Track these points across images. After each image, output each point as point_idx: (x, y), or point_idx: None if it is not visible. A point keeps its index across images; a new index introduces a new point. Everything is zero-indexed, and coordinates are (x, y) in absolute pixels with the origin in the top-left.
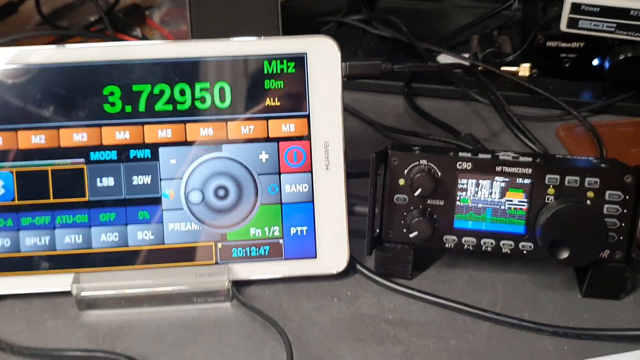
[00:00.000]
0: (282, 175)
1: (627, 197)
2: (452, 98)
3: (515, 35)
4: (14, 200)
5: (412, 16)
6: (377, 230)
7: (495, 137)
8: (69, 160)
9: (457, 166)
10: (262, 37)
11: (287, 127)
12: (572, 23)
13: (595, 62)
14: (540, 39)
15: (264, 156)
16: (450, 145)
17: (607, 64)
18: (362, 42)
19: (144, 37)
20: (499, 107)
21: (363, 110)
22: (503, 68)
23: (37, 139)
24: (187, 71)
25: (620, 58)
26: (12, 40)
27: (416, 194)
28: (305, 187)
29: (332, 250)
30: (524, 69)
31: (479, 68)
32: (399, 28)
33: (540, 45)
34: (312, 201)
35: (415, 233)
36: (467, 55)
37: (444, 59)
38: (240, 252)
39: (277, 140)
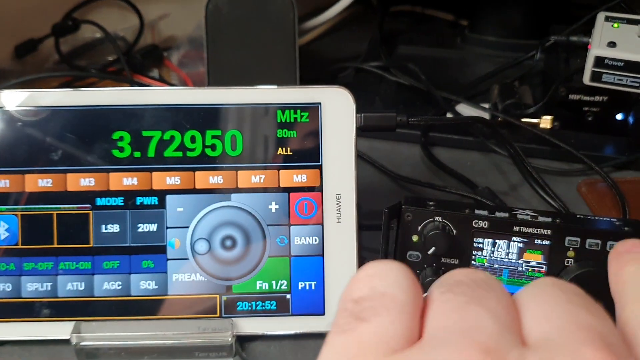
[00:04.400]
0: (291, 227)
1: None
2: (470, 149)
3: (536, 86)
4: (17, 244)
5: (431, 64)
6: None
7: (514, 190)
8: (74, 205)
9: (473, 224)
10: (277, 86)
11: (299, 177)
12: (595, 76)
13: (619, 116)
14: (563, 92)
15: (273, 206)
16: (467, 199)
17: (631, 119)
18: (380, 89)
19: (161, 79)
20: (518, 160)
21: (379, 158)
22: (524, 119)
23: (44, 182)
24: (199, 118)
25: None
26: (29, 81)
27: (430, 252)
28: (316, 240)
29: None
30: (545, 121)
31: (499, 119)
32: (418, 76)
33: (562, 98)
34: (322, 255)
35: None
36: (486, 105)
37: (463, 108)
38: (245, 306)
39: (288, 190)
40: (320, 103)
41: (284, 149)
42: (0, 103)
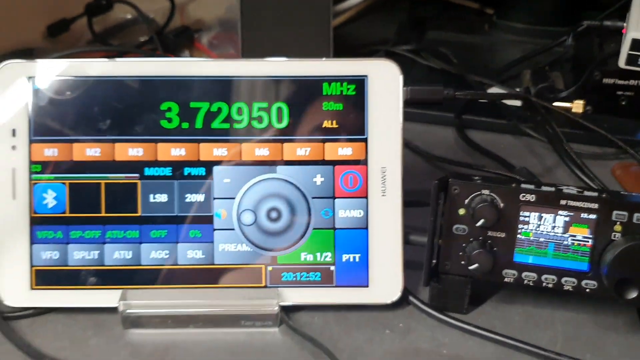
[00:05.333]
0: (336, 200)
1: None
2: (504, 132)
3: (566, 72)
4: (65, 212)
5: (460, 48)
6: (434, 261)
7: (549, 173)
8: (122, 175)
9: (520, 198)
10: (323, 58)
11: (344, 150)
12: (631, 60)
13: None
14: (597, 76)
15: (318, 179)
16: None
17: None
18: (411, 72)
19: None
20: (556, 142)
21: (412, 139)
22: (555, 104)
23: (92, 151)
24: (246, 90)
25: None
26: (64, 56)
27: (478, 224)
28: (360, 213)
29: (386, 279)
30: (578, 106)
31: (528, 96)
32: (449, 60)
33: (596, 82)
34: (367, 228)
35: (476, 265)
36: (518, 90)
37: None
38: (290, 277)
39: (333, 163)
40: (366, 76)
41: (329, 121)
42: (50, 72)
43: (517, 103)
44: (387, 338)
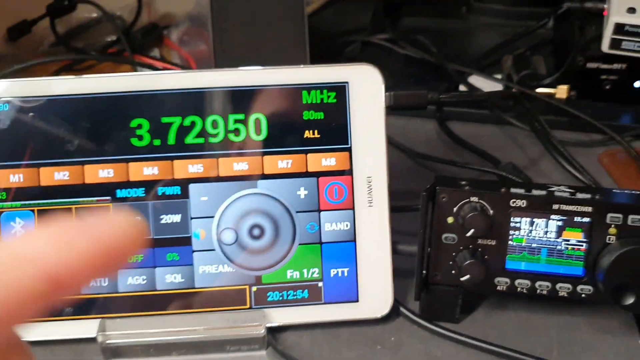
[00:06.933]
0: (321, 213)
1: None
2: (486, 122)
3: (547, 55)
4: None
5: (437, 35)
6: (424, 272)
7: (534, 164)
8: (94, 198)
9: (511, 204)
10: (301, 65)
11: (328, 161)
12: (614, 44)
13: (638, 84)
14: (580, 60)
15: (302, 192)
16: (490, 176)
17: None
18: (389, 62)
19: (162, 59)
20: (541, 133)
21: (393, 135)
22: (539, 90)
23: (60, 175)
24: (220, 101)
25: None
26: (29, 66)
27: (468, 234)
28: (347, 226)
29: (375, 293)
30: (562, 91)
31: (513, 90)
32: (428, 48)
33: (579, 67)
34: (354, 240)
35: (467, 276)
36: (499, 77)
37: (476, 80)
38: (276, 296)
39: (317, 175)
40: (347, 82)
41: (311, 131)
42: (10, 93)
43: (498, 87)
44: (379, 354)
